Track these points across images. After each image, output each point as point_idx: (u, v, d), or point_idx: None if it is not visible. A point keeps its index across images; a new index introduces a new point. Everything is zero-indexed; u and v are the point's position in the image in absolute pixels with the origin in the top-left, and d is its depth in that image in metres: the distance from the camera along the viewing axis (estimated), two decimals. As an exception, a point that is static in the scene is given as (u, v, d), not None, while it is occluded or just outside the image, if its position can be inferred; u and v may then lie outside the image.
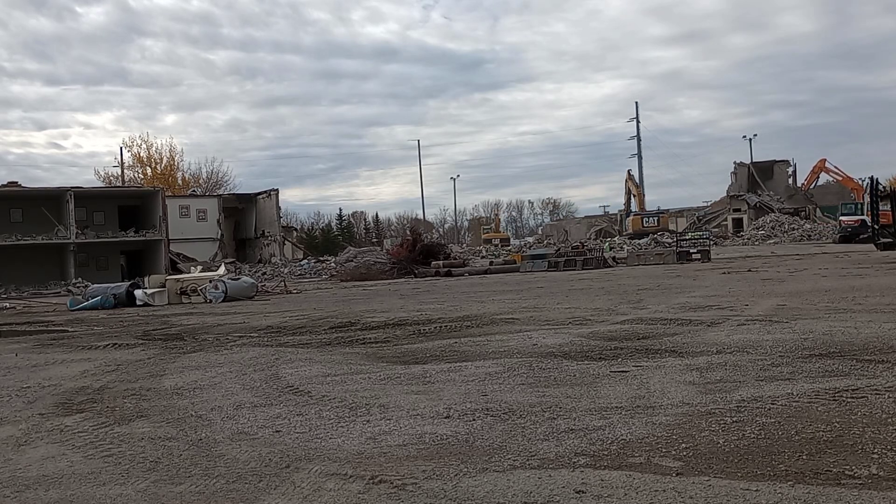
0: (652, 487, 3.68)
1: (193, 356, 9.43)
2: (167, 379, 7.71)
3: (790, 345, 7.65)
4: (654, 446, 4.36)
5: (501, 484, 3.76)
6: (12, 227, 44.75)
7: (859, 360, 6.64)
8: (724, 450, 4.24)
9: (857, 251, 32.46)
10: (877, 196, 34.47)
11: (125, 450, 4.89)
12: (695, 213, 78.41)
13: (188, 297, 22.82)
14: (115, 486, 4.12)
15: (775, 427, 4.64)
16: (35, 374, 8.52)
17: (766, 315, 10.44)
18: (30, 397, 7.05)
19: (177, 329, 13.61)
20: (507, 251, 57.61)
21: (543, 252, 40.11)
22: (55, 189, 47.37)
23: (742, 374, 6.32)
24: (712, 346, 7.91)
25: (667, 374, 6.43)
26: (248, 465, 4.41)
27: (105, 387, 7.43)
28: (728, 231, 68.08)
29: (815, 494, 3.49)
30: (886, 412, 4.86)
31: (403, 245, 40.67)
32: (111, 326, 15.10)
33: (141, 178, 69.91)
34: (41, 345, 11.96)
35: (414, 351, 8.86)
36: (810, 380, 5.96)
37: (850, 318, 9.56)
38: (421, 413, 5.47)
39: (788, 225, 61.54)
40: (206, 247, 50.94)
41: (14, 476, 4.43)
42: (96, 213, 48.20)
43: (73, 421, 5.88)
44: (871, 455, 4.01)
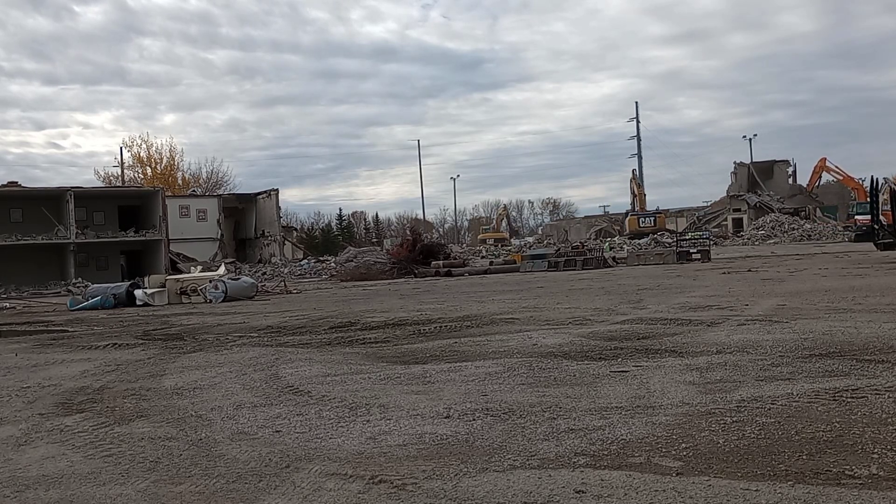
0: (652, 487, 3.68)
1: (193, 356, 9.43)
2: (167, 379, 7.71)
3: (790, 345, 7.65)
4: (654, 446, 4.36)
5: (501, 484, 3.76)
6: (12, 227, 44.75)
7: (859, 360, 6.64)
8: (724, 450, 4.24)
9: (857, 251, 32.45)
10: (877, 196, 34.47)
11: (125, 450, 4.89)
12: (695, 213, 78.44)
13: (188, 297, 22.82)
14: (115, 486, 4.12)
15: (775, 427, 4.64)
16: (35, 374, 8.52)
17: (766, 315, 10.43)
18: (30, 397, 7.05)
19: (177, 329, 13.61)
20: (507, 251, 57.63)
21: (543, 252, 40.11)
22: (55, 189, 47.37)
23: (742, 374, 6.32)
24: (712, 346, 7.91)
25: (667, 374, 6.43)
26: (248, 465, 4.40)
27: (105, 387, 7.43)
28: (728, 231, 68.08)
29: (815, 494, 3.48)
30: (886, 412, 4.86)
31: (403, 245, 40.66)
32: (111, 326, 15.10)
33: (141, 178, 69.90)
34: (41, 345, 11.96)
35: (414, 351, 8.86)
36: (810, 380, 5.96)
37: (850, 318, 9.55)
38: (421, 413, 5.47)
39: (788, 225, 61.54)
40: (206, 247, 50.94)
41: (14, 476, 4.43)
42: (96, 213, 48.19)
43: (73, 421, 5.88)
44: (871, 455, 4.01)
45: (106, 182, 70.04)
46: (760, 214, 66.33)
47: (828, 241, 51.58)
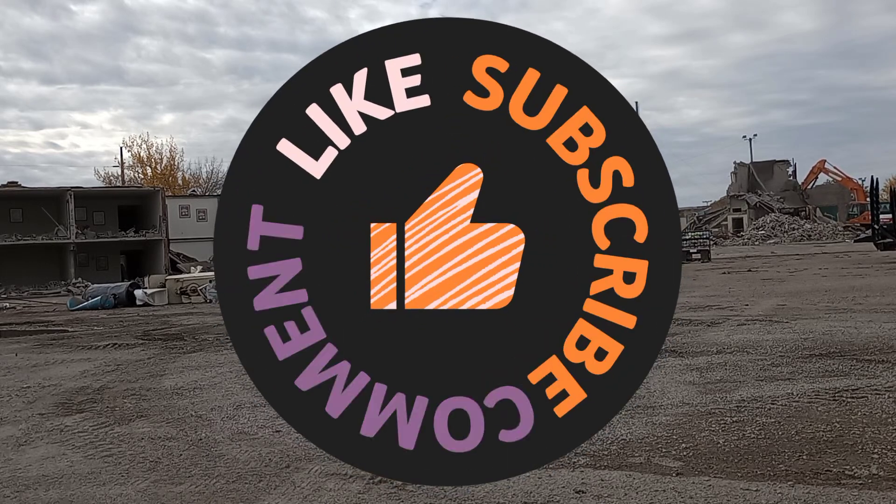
0: (652, 487, 3.68)
1: (193, 356, 9.43)
2: (167, 379, 7.71)
3: (790, 345, 7.65)
4: (654, 446, 4.36)
5: (501, 483, 3.76)
6: (12, 227, 44.74)
7: (859, 360, 6.64)
8: (724, 450, 4.24)
9: (857, 251, 32.47)
10: (877, 196, 34.50)
11: (125, 450, 4.89)
12: (695, 213, 78.38)
13: (188, 297, 22.82)
14: (115, 486, 4.12)
15: (775, 427, 4.64)
16: (35, 374, 8.52)
17: (766, 315, 10.44)
18: (30, 397, 7.05)
19: (177, 329, 13.61)
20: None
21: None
22: (55, 189, 47.36)
23: (742, 374, 6.32)
24: (712, 346, 7.91)
25: (667, 374, 6.43)
26: (248, 465, 4.41)
27: (105, 387, 7.43)
28: (728, 231, 68.08)
29: (815, 494, 3.49)
30: (886, 412, 4.87)
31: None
32: (111, 326, 15.10)
33: (141, 178, 69.90)
34: (41, 345, 11.96)
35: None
36: (810, 380, 5.96)
37: (850, 318, 9.56)
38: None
39: (788, 225, 61.53)
40: (206, 247, 50.90)
41: (14, 476, 4.43)
42: (96, 213, 48.17)
43: (73, 421, 5.88)
44: (871, 455, 4.01)
45: (106, 182, 70.06)
46: (760, 214, 66.32)
47: (828, 241, 51.59)
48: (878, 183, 35.41)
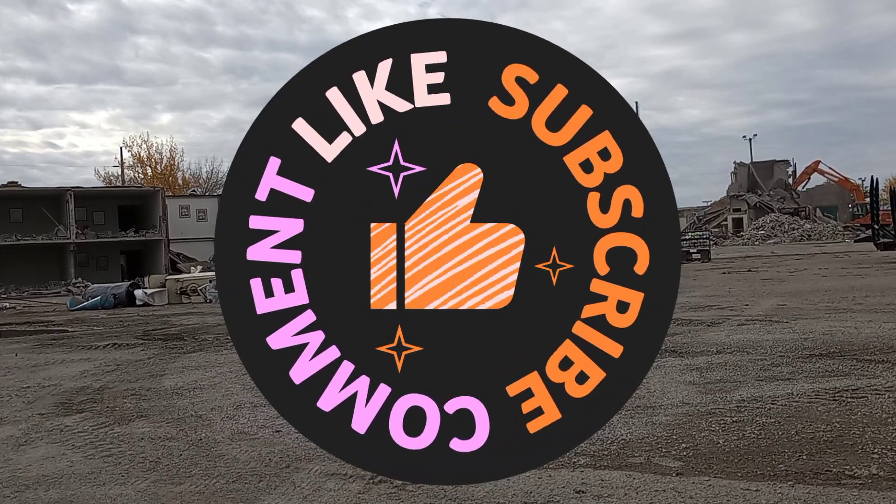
0: (652, 487, 3.68)
1: (193, 356, 9.43)
2: (167, 379, 7.71)
3: (790, 345, 7.66)
4: (654, 446, 4.37)
5: (501, 483, 3.76)
6: (12, 227, 44.74)
7: (859, 360, 6.65)
8: (724, 450, 4.24)
9: (857, 251, 32.48)
10: (877, 196, 34.50)
11: (125, 450, 4.89)
12: (695, 213, 78.34)
13: (188, 297, 22.82)
14: (115, 486, 4.12)
15: (775, 427, 4.64)
16: (35, 374, 8.52)
17: (766, 315, 10.44)
18: (30, 397, 7.05)
19: (177, 329, 13.61)
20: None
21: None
22: (55, 189, 47.35)
23: (742, 374, 6.32)
24: (712, 346, 7.91)
25: (667, 374, 6.43)
26: (248, 465, 4.41)
27: (105, 387, 7.43)
28: (728, 231, 68.08)
29: (815, 494, 3.49)
30: (886, 412, 4.87)
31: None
32: (111, 326, 15.10)
33: (141, 178, 69.87)
34: (41, 345, 11.96)
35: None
36: (810, 380, 5.96)
37: (850, 318, 9.56)
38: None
39: (788, 225, 61.53)
40: (206, 247, 50.89)
41: (14, 476, 4.43)
42: (96, 213, 48.16)
43: (73, 421, 5.88)
44: (871, 455, 4.01)
45: (106, 182, 70.03)
46: (760, 214, 66.33)
47: (828, 241, 51.59)
48: (878, 183, 35.37)
